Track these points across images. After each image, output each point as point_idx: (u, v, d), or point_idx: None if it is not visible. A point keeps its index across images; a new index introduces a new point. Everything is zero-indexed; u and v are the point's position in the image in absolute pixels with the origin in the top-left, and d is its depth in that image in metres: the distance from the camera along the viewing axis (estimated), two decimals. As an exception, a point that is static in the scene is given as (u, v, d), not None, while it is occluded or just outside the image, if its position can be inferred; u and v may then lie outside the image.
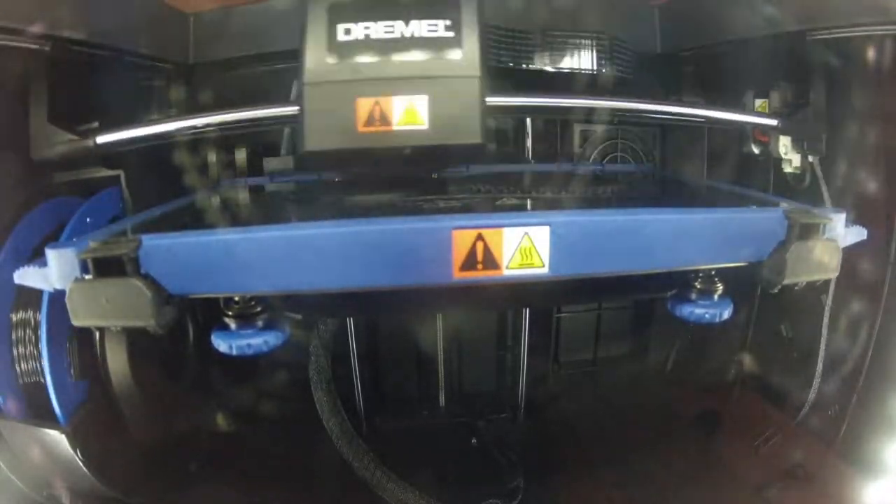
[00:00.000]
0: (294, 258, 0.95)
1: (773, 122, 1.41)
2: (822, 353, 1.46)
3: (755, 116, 1.48)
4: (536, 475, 1.67)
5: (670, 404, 1.94)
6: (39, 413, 1.19)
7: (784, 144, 1.49)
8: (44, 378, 1.18)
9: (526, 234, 0.98)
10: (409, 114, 1.09)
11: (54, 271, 0.91)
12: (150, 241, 0.92)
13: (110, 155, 1.31)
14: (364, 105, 1.08)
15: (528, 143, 1.94)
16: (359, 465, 1.58)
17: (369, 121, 1.08)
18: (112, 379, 1.34)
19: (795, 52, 1.36)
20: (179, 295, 0.95)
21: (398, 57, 1.08)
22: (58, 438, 1.17)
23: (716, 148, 1.85)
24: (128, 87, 1.50)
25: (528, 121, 1.93)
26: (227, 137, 1.50)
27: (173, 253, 0.93)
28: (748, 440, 1.63)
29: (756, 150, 1.61)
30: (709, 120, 1.44)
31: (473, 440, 1.90)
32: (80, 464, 1.19)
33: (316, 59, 1.09)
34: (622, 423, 1.88)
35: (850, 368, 1.41)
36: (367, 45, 1.08)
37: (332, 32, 1.08)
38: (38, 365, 1.19)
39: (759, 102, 1.55)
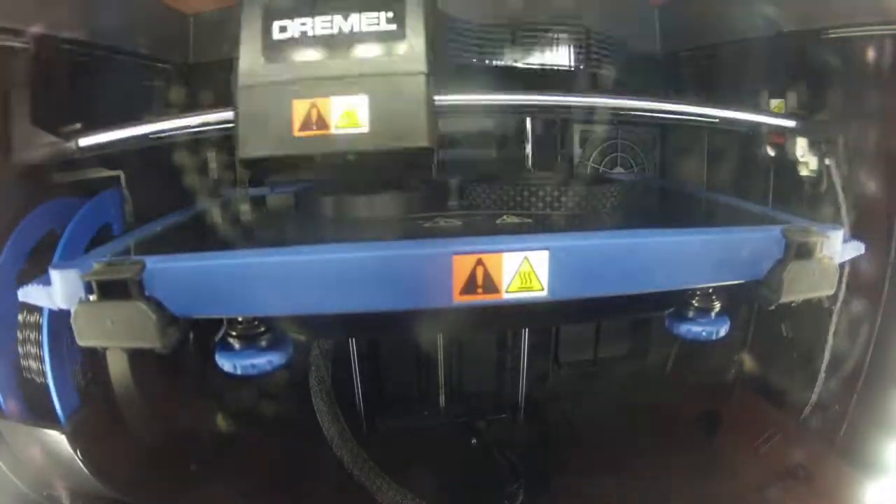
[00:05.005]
0: (297, 282, 0.95)
1: (791, 124, 1.36)
2: (826, 357, 1.44)
3: (772, 117, 1.41)
4: (536, 476, 1.66)
5: (670, 404, 1.94)
6: (39, 413, 1.19)
7: (801, 147, 1.42)
8: (45, 378, 1.18)
9: (525, 258, 0.97)
10: (348, 116, 1.02)
11: (59, 291, 0.92)
12: (153, 263, 0.92)
13: (110, 155, 1.31)
14: (300, 107, 1.02)
15: (528, 146, 1.92)
16: (359, 472, 1.58)
17: (305, 124, 1.02)
18: (112, 379, 1.34)
19: (809, 51, 1.33)
20: (184, 316, 0.94)
21: (336, 54, 1.01)
22: (58, 438, 1.18)
23: (716, 149, 1.84)
24: (127, 88, 1.50)
25: (528, 123, 1.91)
26: (227, 137, 1.49)
27: (177, 276, 0.93)
28: (748, 440, 1.63)
29: (772, 153, 1.53)
30: (723, 120, 1.36)
31: (473, 441, 1.90)
32: (80, 464, 1.19)
33: (250, 60, 1.02)
34: (622, 424, 1.88)
35: (851, 368, 1.41)
36: (304, 42, 1.01)
37: (266, 31, 1.02)
38: (40, 365, 1.19)
39: (774, 103, 1.49)
